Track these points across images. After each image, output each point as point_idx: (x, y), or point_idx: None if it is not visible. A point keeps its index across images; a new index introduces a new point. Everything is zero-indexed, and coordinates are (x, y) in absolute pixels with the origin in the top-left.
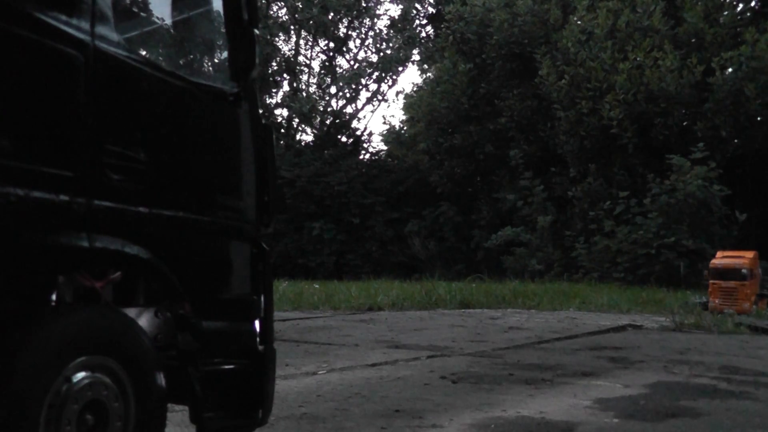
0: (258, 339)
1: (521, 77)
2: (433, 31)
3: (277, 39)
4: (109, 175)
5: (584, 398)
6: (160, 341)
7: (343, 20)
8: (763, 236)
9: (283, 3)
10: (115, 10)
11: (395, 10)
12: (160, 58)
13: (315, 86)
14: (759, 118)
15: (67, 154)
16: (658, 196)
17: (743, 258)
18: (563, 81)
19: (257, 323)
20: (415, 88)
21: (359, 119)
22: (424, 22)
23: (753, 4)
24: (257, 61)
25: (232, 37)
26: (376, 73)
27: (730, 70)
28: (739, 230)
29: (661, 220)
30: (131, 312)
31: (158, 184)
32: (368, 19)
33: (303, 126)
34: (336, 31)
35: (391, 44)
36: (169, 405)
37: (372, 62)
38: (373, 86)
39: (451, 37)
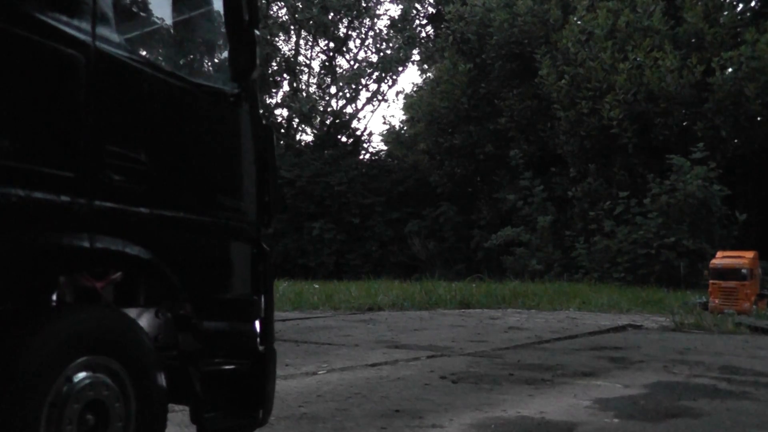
0: (258, 339)
1: (521, 77)
2: (433, 31)
3: (277, 39)
4: (110, 176)
5: (584, 398)
6: (161, 341)
7: (343, 20)
8: (763, 236)
9: (283, 3)
10: (116, 11)
11: (395, 10)
12: (161, 59)
13: (315, 86)
14: (759, 118)
15: (68, 154)
16: (658, 196)
17: (743, 258)
18: (563, 81)
19: (258, 323)
20: (415, 88)
21: (359, 119)
22: (424, 22)
23: (753, 4)
24: (258, 61)
25: (232, 38)
26: (376, 73)
27: (730, 70)
28: (739, 230)
29: (661, 220)
30: (132, 312)
31: (159, 185)
32: (368, 19)
33: (303, 126)
34: (336, 31)
35: (391, 44)
36: (169, 405)
37: (372, 62)
38: (373, 86)
39: (451, 37)
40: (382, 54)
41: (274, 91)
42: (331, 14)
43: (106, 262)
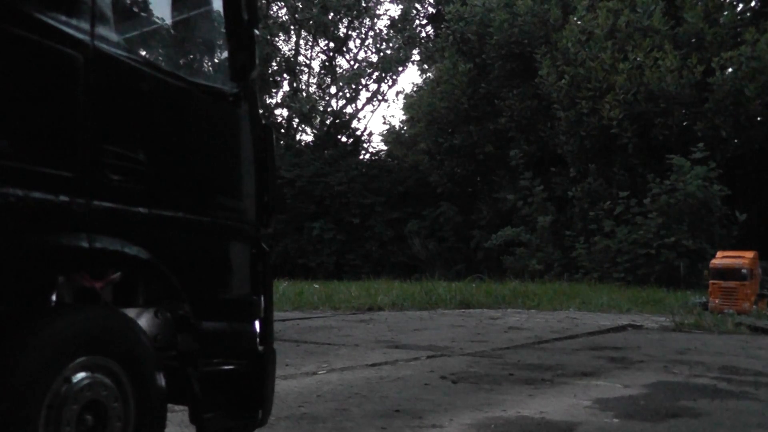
0: (258, 339)
1: (521, 77)
2: (433, 31)
3: (277, 39)
4: (109, 176)
5: (584, 398)
6: (160, 342)
7: (343, 20)
8: (763, 236)
9: (283, 3)
10: (115, 11)
11: (395, 10)
12: (160, 59)
13: (315, 86)
14: (759, 118)
15: (66, 154)
16: (658, 196)
17: (743, 258)
18: (563, 81)
19: (257, 324)
20: (415, 88)
21: (359, 119)
22: (424, 22)
23: (753, 4)
24: (257, 61)
25: (231, 38)
26: (376, 73)
27: (730, 70)
28: (739, 230)
29: (661, 220)
30: (131, 312)
31: (158, 185)
32: (368, 19)
33: (303, 126)
34: (336, 31)
35: (391, 44)
36: (168, 405)
37: (372, 62)
38: (373, 86)
39: (451, 37)
40: (382, 54)
41: (274, 91)
42: (331, 14)
43: (105, 262)
